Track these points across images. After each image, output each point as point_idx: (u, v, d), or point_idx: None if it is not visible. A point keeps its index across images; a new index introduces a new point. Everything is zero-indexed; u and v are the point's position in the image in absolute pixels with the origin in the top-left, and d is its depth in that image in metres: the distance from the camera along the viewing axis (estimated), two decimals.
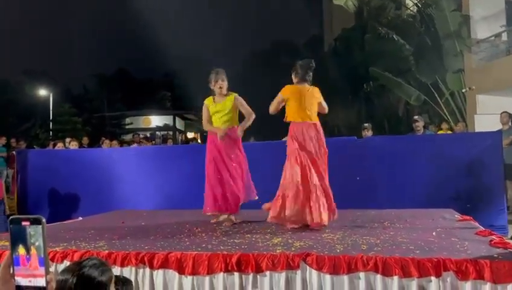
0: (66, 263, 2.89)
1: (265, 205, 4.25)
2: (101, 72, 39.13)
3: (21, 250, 0.92)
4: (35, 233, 0.92)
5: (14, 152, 9.53)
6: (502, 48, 12.12)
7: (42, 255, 0.92)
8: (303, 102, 4.14)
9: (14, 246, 0.92)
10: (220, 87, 4.43)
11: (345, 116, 20.64)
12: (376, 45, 16.00)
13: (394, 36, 14.62)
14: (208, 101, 4.56)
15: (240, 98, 4.51)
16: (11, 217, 0.94)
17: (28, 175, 7.24)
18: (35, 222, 0.92)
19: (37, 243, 0.92)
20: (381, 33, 15.00)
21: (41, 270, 0.92)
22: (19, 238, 0.92)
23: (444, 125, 9.65)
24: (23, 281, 0.92)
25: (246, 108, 4.52)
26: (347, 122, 20.81)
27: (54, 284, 0.92)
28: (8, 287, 0.92)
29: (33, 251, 0.92)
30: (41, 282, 0.92)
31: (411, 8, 17.87)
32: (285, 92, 4.21)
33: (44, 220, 0.93)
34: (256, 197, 4.47)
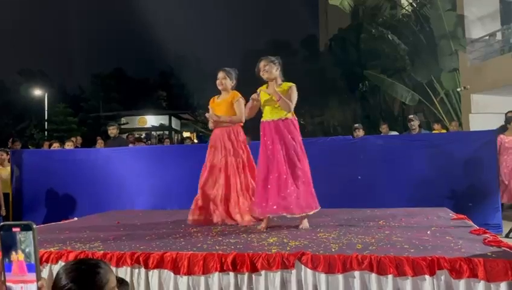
0: (61, 263, 2.89)
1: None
2: (97, 72, 38.97)
3: (12, 256, 0.91)
4: (25, 239, 0.91)
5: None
6: (496, 47, 12.16)
7: (33, 261, 0.91)
8: None
9: (5, 252, 0.92)
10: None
11: (341, 115, 20.67)
12: (371, 45, 16.04)
13: (389, 36, 14.67)
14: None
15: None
16: (1, 224, 0.93)
17: (23, 175, 7.20)
18: (26, 227, 0.91)
19: (27, 249, 0.91)
20: (376, 33, 15.04)
21: (33, 276, 0.91)
22: (9, 244, 0.91)
23: (437, 126, 9.36)
24: (14, 287, 0.92)
25: None
26: (343, 121, 20.85)
27: None
28: None
29: (24, 257, 0.91)
30: (32, 288, 0.91)
31: (406, 8, 17.92)
32: None
33: (35, 226, 0.92)
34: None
